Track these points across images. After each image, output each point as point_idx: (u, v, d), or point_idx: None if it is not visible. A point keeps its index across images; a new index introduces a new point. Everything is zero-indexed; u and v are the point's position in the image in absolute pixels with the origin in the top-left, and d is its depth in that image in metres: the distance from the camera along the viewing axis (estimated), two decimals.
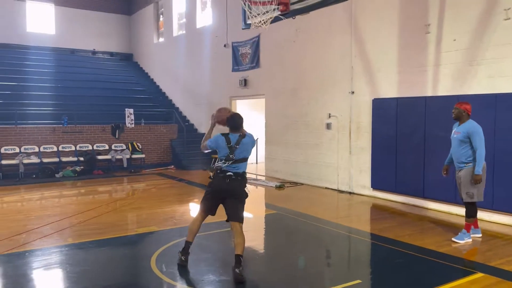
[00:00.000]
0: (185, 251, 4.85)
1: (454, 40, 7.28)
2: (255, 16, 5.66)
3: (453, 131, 5.81)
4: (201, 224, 4.93)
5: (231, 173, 4.58)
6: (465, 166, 5.58)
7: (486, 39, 6.84)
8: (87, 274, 4.68)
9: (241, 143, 4.59)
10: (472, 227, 5.90)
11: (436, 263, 4.97)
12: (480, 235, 5.92)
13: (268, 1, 5.39)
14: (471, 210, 5.70)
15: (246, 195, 4.69)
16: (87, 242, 5.81)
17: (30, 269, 4.90)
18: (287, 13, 5.61)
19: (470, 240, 5.73)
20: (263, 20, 5.54)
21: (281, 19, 5.74)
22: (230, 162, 4.55)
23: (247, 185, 4.72)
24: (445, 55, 7.43)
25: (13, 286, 4.38)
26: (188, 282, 4.55)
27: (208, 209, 4.83)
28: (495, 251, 5.43)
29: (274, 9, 5.53)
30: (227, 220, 4.70)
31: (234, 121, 4.70)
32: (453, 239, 5.74)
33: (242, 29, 6.48)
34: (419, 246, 5.60)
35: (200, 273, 4.75)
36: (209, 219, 5.02)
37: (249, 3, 5.53)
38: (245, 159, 4.65)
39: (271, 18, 5.55)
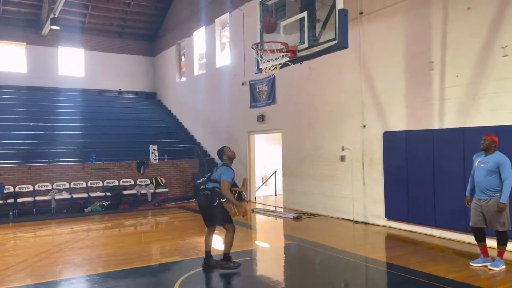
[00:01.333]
0: (206, 258, 6.27)
1: (457, 76, 7.71)
2: (267, 62, 6.26)
3: (478, 160, 6.07)
4: (210, 235, 6.38)
5: (204, 187, 6.13)
6: (493, 196, 5.82)
7: (486, 75, 7.25)
8: None
9: (217, 168, 6.17)
10: (482, 255, 6.13)
11: None
12: (490, 263, 6.07)
13: (278, 49, 5.99)
14: (505, 238, 5.92)
15: (214, 205, 6.00)
16: (116, 271, 6.30)
17: None
18: (295, 60, 6.19)
19: (504, 266, 5.94)
20: (273, 66, 6.12)
21: (289, 65, 6.31)
22: (207, 178, 6.17)
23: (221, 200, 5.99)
24: (449, 90, 7.85)
25: None
26: None
27: (204, 221, 6.41)
28: (501, 277, 5.66)
29: (283, 56, 6.13)
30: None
31: (217, 153, 6.52)
32: (489, 266, 5.96)
33: (256, 73, 7.08)
34: (428, 273, 5.86)
35: None
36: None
37: (260, 52, 6.15)
38: (217, 181, 5.99)
39: (280, 64, 6.14)
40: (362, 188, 9.73)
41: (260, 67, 6.43)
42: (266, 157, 15.21)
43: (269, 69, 6.19)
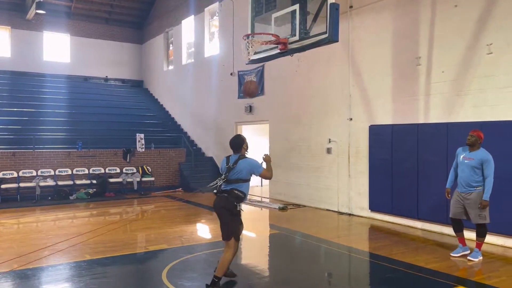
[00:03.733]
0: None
1: (443, 72, 7.87)
2: (256, 53, 6.31)
3: (462, 156, 6.17)
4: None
5: (221, 189, 4.90)
6: (475, 190, 5.97)
7: (471, 72, 7.42)
8: (105, 285, 5.19)
9: (237, 164, 4.83)
10: (460, 244, 6.35)
11: (423, 278, 5.43)
12: (469, 251, 6.31)
13: (269, 41, 6.04)
14: (484, 231, 6.09)
15: (232, 213, 4.87)
16: (103, 258, 6.33)
17: (55, 281, 5.41)
18: (286, 52, 6.25)
19: (481, 258, 6.13)
20: (263, 57, 6.17)
21: (279, 57, 6.36)
22: (223, 181, 4.89)
23: (241, 204, 4.95)
24: (435, 85, 8.01)
25: None
26: None
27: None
28: (478, 267, 5.87)
29: (273, 48, 6.18)
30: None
31: (231, 143, 5.03)
32: (468, 257, 6.13)
33: (246, 64, 7.12)
34: (410, 263, 6.04)
35: None
36: (216, 237, 5.53)
37: (251, 43, 6.18)
38: (240, 180, 4.84)
39: (269, 55, 6.19)
40: (348, 180, 9.89)
41: (251, 58, 6.46)
42: (253, 148, 15.26)
43: (260, 60, 6.22)
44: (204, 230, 9.15)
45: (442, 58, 7.88)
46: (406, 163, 8.45)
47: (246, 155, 5.01)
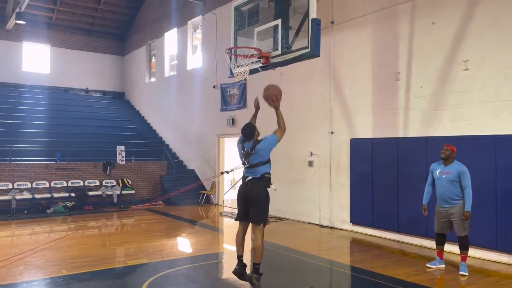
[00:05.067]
0: (240, 263, 5.26)
1: (421, 87, 8.04)
2: (239, 67, 6.34)
3: (438, 171, 6.25)
4: (245, 234, 5.35)
5: (250, 177, 5.08)
6: (457, 203, 6.04)
7: (448, 87, 7.61)
8: None
9: (256, 149, 5.08)
10: (438, 257, 6.45)
11: None
12: (444, 266, 6.43)
13: (251, 55, 6.09)
14: (467, 243, 6.13)
15: (268, 196, 5.10)
16: (81, 274, 6.17)
17: None
18: (268, 66, 6.31)
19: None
20: (245, 71, 6.21)
21: (260, 71, 6.41)
22: (247, 167, 5.10)
23: (272, 184, 5.15)
24: (414, 100, 8.17)
25: None
26: None
27: (240, 215, 5.29)
28: (458, 280, 5.94)
29: (256, 62, 6.23)
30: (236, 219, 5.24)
31: (244, 131, 5.31)
32: (461, 273, 6.10)
33: (228, 77, 7.14)
34: (390, 276, 6.07)
35: None
36: (197, 251, 5.47)
37: (234, 56, 6.22)
38: (262, 163, 5.09)
39: (252, 69, 6.24)
40: (329, 193, 9.94)
41: (234, 71, 6.49)
42: (236, 161, 15.24)
43: (242, 74, 6.26)
44: (185, 244, 9.04)
45: (421, 74, 8.06)
46: (386, 176, 8.55)
47: (259, 138, 5.25)
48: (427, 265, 6.51)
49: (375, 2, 8.81)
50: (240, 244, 5.29)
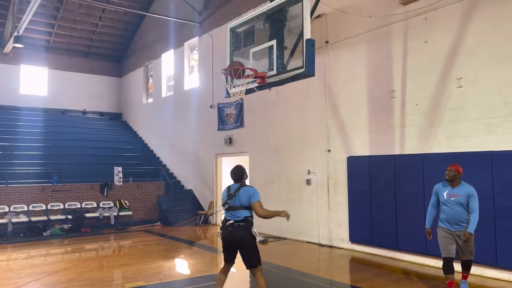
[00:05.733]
0: None
1: (416, 104, 8.12)
2: (235, 87, 6.40)
3: (445, 193, 5.82)
4: (227, 274, 5.32)
5: (232, 221, 5.01)
6: (466, 225, 5.68)
7: (443, 104, 7.68)
8: None
9: (239, 191, 5.07)
10: None
11: None
12: None
13: (247, 75, 6.16)
14: (471, 264, 5.94)
15: (254, 239, 5.00)
16: None
17: None
18: (264, 86, 6.37)
19: None
20: (240, 91, 6.27)
21: (256, 91, 6.48)
22: (227, 207, 5.07)
23: (253, 229, 5.00)
24: (409, 117, 8.23)
25: None
26: None
27: (225, 258, 5.27)
28: None
29: (252, 82, 6.29)
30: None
31: (232, 173, 5.35)
32: None
33: (225, 97, 7.20)
34: None
35: None
36: (195, 273, 5.41)
37: (230, 77, 6.29)
38: (242, 207, 5.00)
39: (248, 89, 6.30)
40: (327, 211, 9.91)
41: (230, 91, 6.55)
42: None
43: (238, 94, 6.31)
44: (183, 265, 8.94)
45: (415, 91, 8.14)
46: (384, 194, 8.55)
47: (246, 184, 5.27)
48: None
49: (369, 21, 8.96)
50: (221, 282, 5.27)
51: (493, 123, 6.95)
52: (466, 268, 5.94)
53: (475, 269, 6.86)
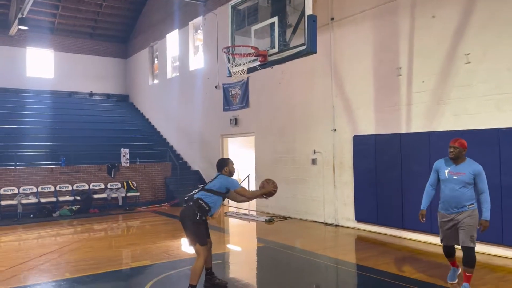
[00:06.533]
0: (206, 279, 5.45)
1: (423, 81, 7.96)
2: (237, 66, 6.31)
3: (447, 170, 5.13)
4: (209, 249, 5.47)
5: (187, 198, 5.26)
6: (467, 208, 4.97)
7: (450, 81, 7.52)
8: None
9: (215, 178, 5.30)
10: (453, 268, 5.53)
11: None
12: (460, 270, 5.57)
13: (249, 54, 6.06)
14: (473, 258, 5.01)
15: (193, 221, 5.04)
16: (84, 276, 6.18)
17: None
18: (265, 64, 6.27)
19: None
20: (242, 70, 6.18)
21: (259, 69, 6.38)
22: (199, 190, 5.29)
23: (205, 215, 5.11)
24: (416, 95, 8.09)
25: None
26: None
27: None
28: (462, 277, 5.84)
29: (253, 60, 6.20)
30: None
31: (217, 163, 5.55)
32: None
33: (227, 76, 7.12)
34: (395, 273, 6.02)
35: None
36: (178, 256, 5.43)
37: (232, 55, 6.19)
38: (211, 191, 5.15)
39: (250, 68, 6.21)
40: (333, 191, 9.88)
41: (232, 70, 6.47)
42: (240, 160, 15.24)
43: (240, 73, 6.23)
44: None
45: (422, 68, 7.98)
46: (390, 172, 8.48)
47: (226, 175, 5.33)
48: (448, 281, 5.52)
49: None
50: (206, 259, 5.37)
51: (502, 100, 6.79)
52: (466, 262, 5.03)
53: (480, 247, 6.83)
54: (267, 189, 5.32)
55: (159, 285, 5.70)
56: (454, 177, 5.05)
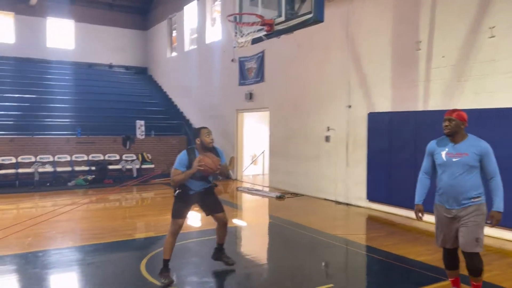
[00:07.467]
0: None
1: (443, 56, 7.53)
2: (243, 36, 6.07)
3: (444, 152, 3.97)
4: (217, 222, 5.49)
5: None
6: (472, 202, 3.82)
7: (472, 56, 7.08)
8: (78, 275, 5.09)
9: None
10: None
11: (410, 270, 5.21)
12: None
13: (255, 22, 5.79)
14: (480, 265, 3.93)
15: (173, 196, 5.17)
16: (86, 246, 6.23)
17: (31, 268, 5.31)
18: (272, 33, 6.00)
19: None
20: (246, 40, 5.95)
21: (265, 39, 6.12)
22: None
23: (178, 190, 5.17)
24: (435, 71, 7.68)
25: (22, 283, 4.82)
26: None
27: None
28: None
29: (259, 30, 5.94)
30: None
31: None
32: None
33: (233, 47, 6.89)
34: (400, 255, 5.82)
35: (185, 275, 5.09)
36: (207, 225, 5.41)
37: (238, 25, 5.94)
38: None
39: (255, 38, 5.96)
40: (345, 169, 9.64)
41: (238, 40, 6.23)
42: (256, 136, 15.08)
43: (245, 42, 6.00)
44: (197, 218, 9.00)
45: (443, 43, 7.54)
46: (404, 152, 8.17)
47: (192, 149, 5.01)
48: None
49: None
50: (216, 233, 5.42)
51: None
52: (471, 271, 3.96)
53: (494, 232, 6.53)
54: (192, 170, 4.83)
55: (157, 257, 5.67)
56: (454, 159, 3.88)
